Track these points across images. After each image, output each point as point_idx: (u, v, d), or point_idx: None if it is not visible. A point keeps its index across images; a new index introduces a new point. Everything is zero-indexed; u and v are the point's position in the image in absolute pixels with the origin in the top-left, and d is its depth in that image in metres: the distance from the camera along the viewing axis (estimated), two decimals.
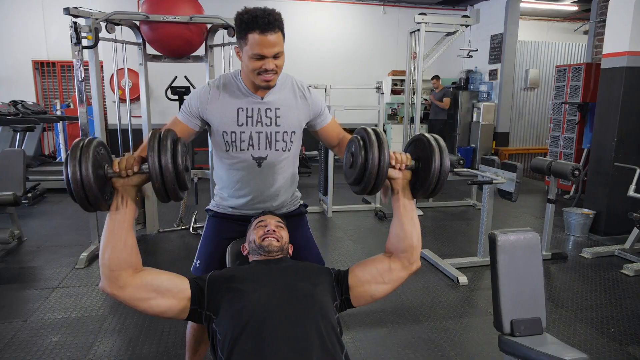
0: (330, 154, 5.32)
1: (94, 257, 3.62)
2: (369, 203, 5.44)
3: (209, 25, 4.00)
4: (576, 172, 3.35)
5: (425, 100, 8.58)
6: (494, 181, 3.21)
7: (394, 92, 8.92)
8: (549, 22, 9.63)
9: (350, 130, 1.66)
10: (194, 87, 6.61)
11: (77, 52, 3.39)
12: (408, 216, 1.38)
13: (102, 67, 7.05)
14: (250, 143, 1.56)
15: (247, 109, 1.54)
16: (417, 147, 1.38)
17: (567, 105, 5.98)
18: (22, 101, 6.47)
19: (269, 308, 1.19)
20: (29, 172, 5.98)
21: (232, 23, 3.85)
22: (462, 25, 5.06)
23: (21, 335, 2.47)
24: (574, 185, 5.84)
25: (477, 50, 5.70)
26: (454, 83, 8.91)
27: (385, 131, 8.78)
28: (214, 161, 1.71)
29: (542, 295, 1.83)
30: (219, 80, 1.58)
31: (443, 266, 3.45)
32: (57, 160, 7.60)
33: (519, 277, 1.85)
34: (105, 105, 7.57)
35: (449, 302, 2.95)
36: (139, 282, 1.21)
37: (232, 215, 1.71)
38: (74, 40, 3.36)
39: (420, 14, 4.97)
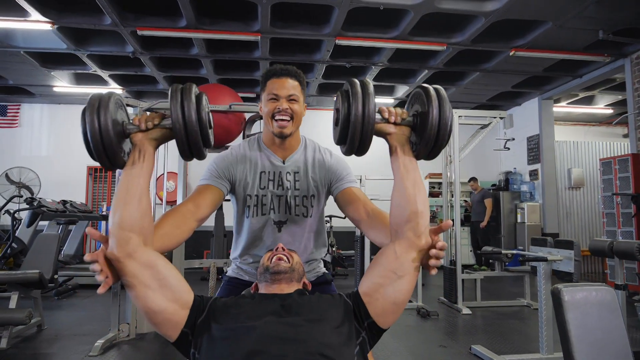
0: (367, 248, 5.08)
1: (110, 346, 3.36)
2: (411, 301, 4.98)
3: (247, 116, 4.20)
4: None
5: (465, 201, 8.39)
6: (549, 258, 2.86)
7: (431, 194, 8.83)
8: (585, 126, 9.62)
9: None
10: None
11: None
12: (410, 178, 1.18)
13: None
14: (272, 207, 1.52)
15: (268, 172, 1.52)
16: (416, 101, 1.23)
17: (619, 198, 5.61)
18: (71, 201, 6.81)
19: (260, 354, 1.00)
20: (65, 269, 6.02)
21: None
22: (494, 117, 5.08)
23: None
24: None
25: (513, 139, 5.64)
26: (493, 185, 8.74)
27: None
28: (234, 226, 1.62)
29: None
30: (240, 145, 1.59)
31: None
32: None
33: (598, 340, 1.51)
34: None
35: None
36: (146, 259, 1.06)
37: (250, 282, 1.55)
38: None
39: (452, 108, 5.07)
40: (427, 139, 1.15)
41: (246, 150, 1.54)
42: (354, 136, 1.13)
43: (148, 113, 1.19)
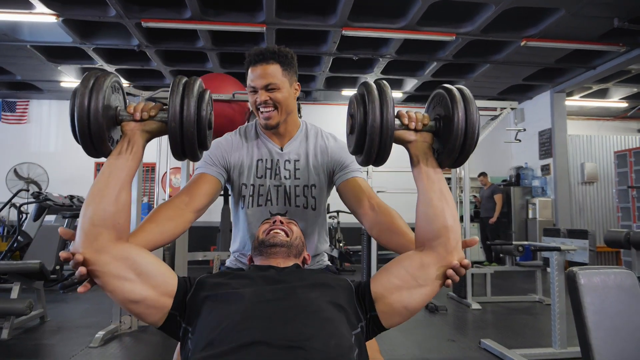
0: (374, 244, 4.97)
1: (111, 338, 3.32)
2: None
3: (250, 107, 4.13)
4: None
5: (475, 197, 8.25)
6: (562, 248, 2.74)
7: None
8: (598, 121, 9.40)
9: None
10: None
11: None
12: (435, 189, 1.07)
13: (154, 169, 7.42)
14: (269, 197, 1.42)
15: (266, 160, 1.43)
16: (437, 104, 1.10)
17: (635, 191, 5.45)
18: (79, 196, 6.81)
19: (253, 318, 0.91)
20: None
21: None
22: (504, 108, 4.95)
23: None
24: None
25: (525, 130, 5.50)
26: (504, 181, 8.58)
27: None
28: (232, 218, 1.55)
29: None
30: (236, 131, 1.50)
31: (511, 357, 2.83)
32: None
33: (617, 327, 1.40)
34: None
35: None
36: (119, 253, 0.96)
37: None
38: None
39: None
40: (451, 146, 1.03)
41: (242, 136, 1.47)
42: (371, 146, 1.02)
43: (145, 102, 1.10)
